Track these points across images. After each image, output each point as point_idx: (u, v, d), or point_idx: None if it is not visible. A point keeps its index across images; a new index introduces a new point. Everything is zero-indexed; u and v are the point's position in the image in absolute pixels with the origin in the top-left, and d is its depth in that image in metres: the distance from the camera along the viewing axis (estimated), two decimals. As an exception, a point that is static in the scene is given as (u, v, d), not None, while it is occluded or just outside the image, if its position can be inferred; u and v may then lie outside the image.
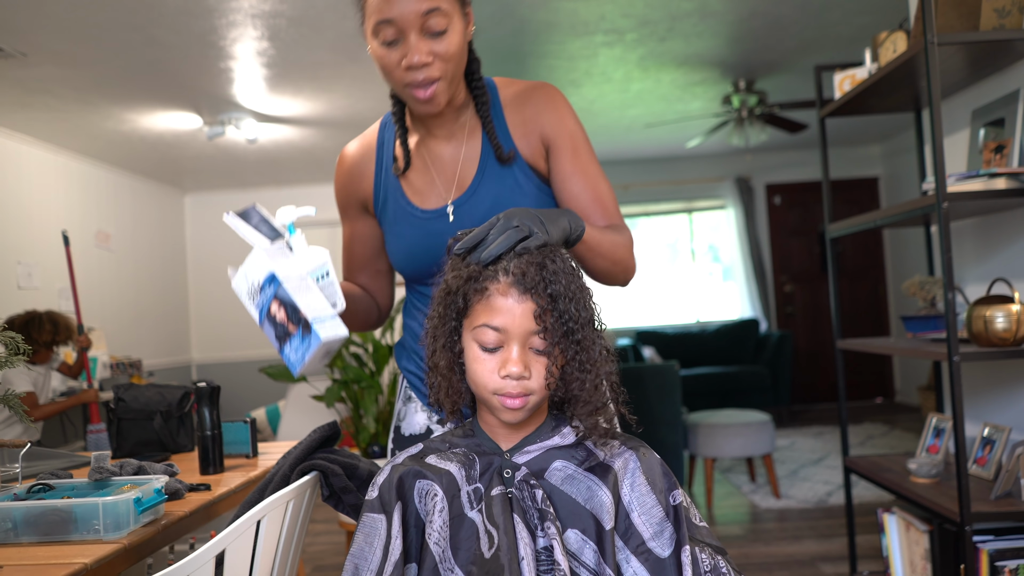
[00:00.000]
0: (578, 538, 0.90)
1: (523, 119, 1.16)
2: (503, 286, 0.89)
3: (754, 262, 6.84)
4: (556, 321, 0.89)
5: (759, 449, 3.91)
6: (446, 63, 1.06)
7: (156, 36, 3.28)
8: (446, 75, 1.07)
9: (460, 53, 1.08)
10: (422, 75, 1.05)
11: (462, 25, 1.08)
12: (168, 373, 6.21)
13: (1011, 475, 1.94)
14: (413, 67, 1.05)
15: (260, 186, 6.67)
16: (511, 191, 1.15)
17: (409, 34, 1.04)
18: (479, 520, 0.91)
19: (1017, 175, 1.93)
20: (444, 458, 0.96)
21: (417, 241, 1.17)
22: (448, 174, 1.18)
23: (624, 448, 0.97)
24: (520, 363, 0.88)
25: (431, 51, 1.04)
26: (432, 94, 1.07)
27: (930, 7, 1.89)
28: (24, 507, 1.15)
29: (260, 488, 1.15)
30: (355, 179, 1.24)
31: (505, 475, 0.94)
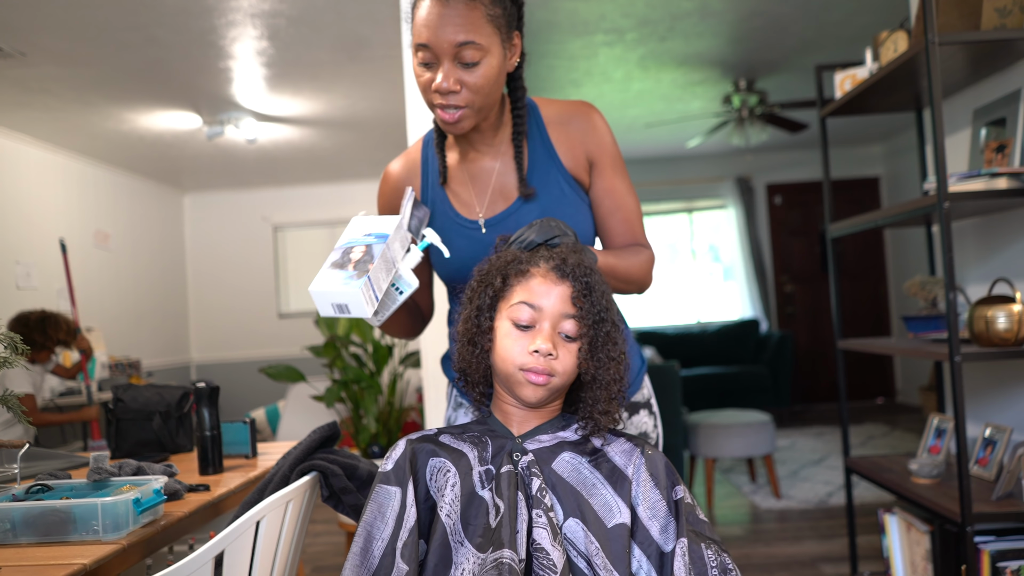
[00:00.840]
0: (577, 526, 0.93)
1: (567, 136, 1.22)
2: (543, 270, 0.98)
3: (754, 262, 6.84)
4: (589, 309, 0.96)
5: (759, 449, 3.91)
6: (474, 94, 1.10)
7: (156, 36, 3.28)
8: (472, 104, 1.11)
9: (491, 85, 1.11)
10: (448, 100, 1.10)
11: (500, 55, 1.11)
12: (167, 373, 6.20)
13: (1012, 476, 1.93)
14: (440, 91, 1.09)
15: (260, 186, 6.67)
16: (558, 201, 1.21)
17: (443, 61, 1.08)
18: (489, 497, 0.95)
19: (1018, 175, 1.92)
20: (458, 439, 1.01)
21: (465, 249, 1.21)
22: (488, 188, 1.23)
23: (631, 446, 1.01)
24: (549, 341, 0.95)
25: (460, 80, 1.08)
26: (456, 119, 1.11)
27: (931, 7, 1.88)
28: (23, 508, 1.15)
29: (259, 488, 1.14)
30: (401, 193, 1.27)
31: (515, 457, 0.98)
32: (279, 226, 6.76)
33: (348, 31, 3.35)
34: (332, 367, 4.24)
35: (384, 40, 3.45)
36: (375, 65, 3.78)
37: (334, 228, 6.76)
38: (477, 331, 1.01)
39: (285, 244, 6.82)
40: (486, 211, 1.22)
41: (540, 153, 1.22)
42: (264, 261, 6.70)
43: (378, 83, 4.06)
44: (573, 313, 0.96)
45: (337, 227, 6.75)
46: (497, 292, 1.00)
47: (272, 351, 6.52)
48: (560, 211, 1.20)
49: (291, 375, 4.43)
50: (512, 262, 1.00)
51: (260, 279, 6.68)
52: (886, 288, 6.92)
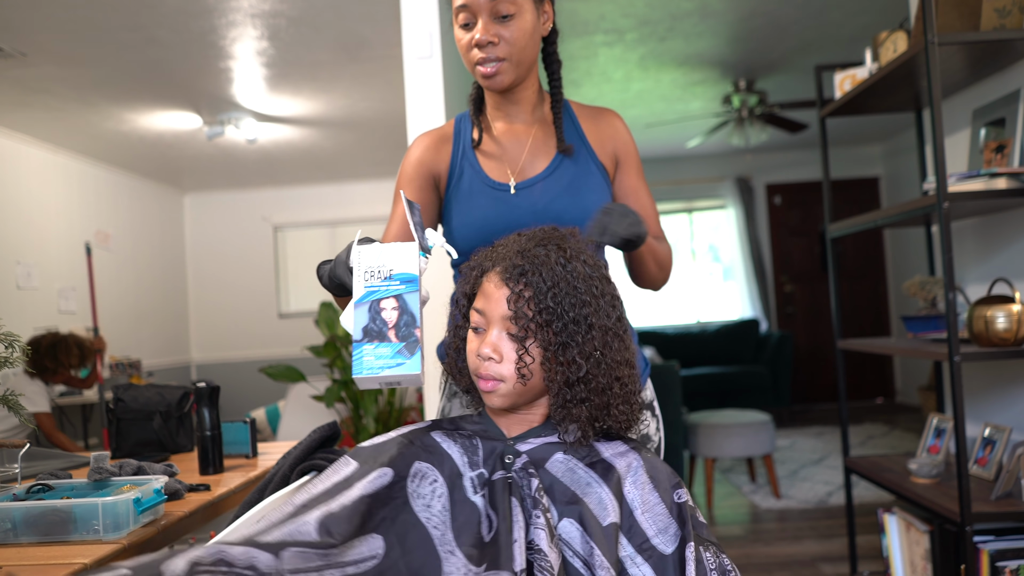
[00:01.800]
0: (572, 527, 0.91)
1: (598, 131, 1.32)
2: (492, 274, 0.97)
3: (754, 262, 6.84)
4: (533, 311, 0.93)
5: (759, 449, 3.91)
6: (511, 46, 1.19)
7: (156, 36, 3.28)
8: (511, 57, 1.20)
9: (526, 39, 1.20)
10: (486, 53, 1.19)
11: (533, 16, 1.21)
12: (167, 373, 6.20)
13: (1012, 475, 1.94)
14: (480, 45, 1.19)
15: (260, 186, 6.67)
16: (585, 175, 1.28)
17: (480, 16, 1.18)
18: (482, 504, 0.93)
19: (1018, 175, 1.92)
20: (449, 437, 1.00)
21: (491, 210, 1.25)
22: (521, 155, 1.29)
23: (628, 448, 0.99)
24: (491, 345, 0.95)
25: (497, 33, 1.18)
26: (495, 71, 1.20)
27: (931, 7, 1.89)
28: (23, 507, 1.15)
29: (260, 488, 1.14)
30: (432, 152, 1.32)
31: (507, 461, 0.96)
32: (279, 226, 6.76)
33: (348, 31, 3.35)
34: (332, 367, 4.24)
35: (384, 40, 3.45)
36: (375, 65, 3.79)
37: (334, 228, 6.77)
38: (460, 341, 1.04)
39: (285, 244, 6.82)
40: (518, 176, 1.28)
41: (573, 136, 1.30)
42: (264, 261, 6.70)
43: (378, 83, 4.06)
44: (509, 315, 0.94)
45: (337, 227, 6.75)
46: (470, 298, 1.01)
47: (272, 351, 6.52)
48: (588, 185, 1.27)
49: (291, 375, 4.43)
50: (474, 269, 1.01)
51: (260, 279, 6.68)
52: (886, 288, 6.92)
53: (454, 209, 1.29)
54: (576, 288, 0.95)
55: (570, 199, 1.25)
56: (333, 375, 4.30)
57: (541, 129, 1.31)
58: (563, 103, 1.32)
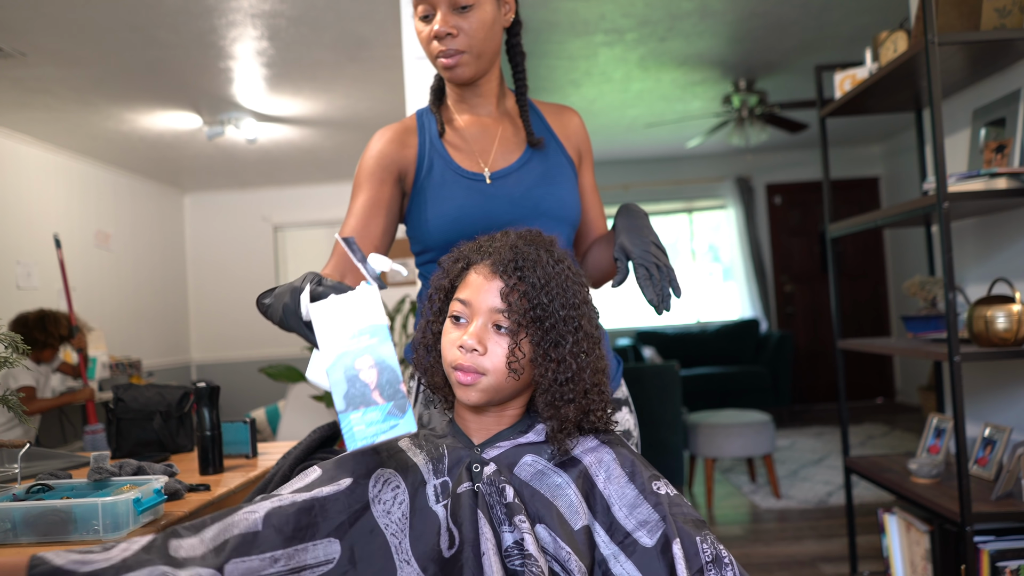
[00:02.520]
0: (546, 533, 0.89)
1: (563, 127, 1.34)
2: (481, 266, 0.95)
3: (754, 262, 6.84)
4: (527, 305, 0.92)
5: (759, 449, 3.91)
6: (469, 38, 1.18)
7: (156, 36, 3.28)
8: (471, 49, 1.19)
9: (486, 30, 1.19)
10: (446, 45, 1.18)
11: (493, 7, 1.20)
12: (167, 373, 6.20)
13: (1012, 475, 1.94)
14: (439, 36, 1.18)
15: (260, 186, 6.67)
16: (557, 166, 1.29)
17: (439, 8, 1.17)
18: (442, 515, 0.91)
19: (1018, 175, 1.92)
20: (415, 445, 0.98)
21: (467, 199, 1.23)
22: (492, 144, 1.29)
23: (598, 444, 0.97)
24: (475, 336, 0.92)
25: (456, 24, 1.17)
26: (455, 63, 1.19)
27: (931, 7, 1.89)
28: (23, 507, 1.15)
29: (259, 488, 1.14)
30: (395, 145, 1.28)
31: (474, 470, 0.94)
32: (279, 226, 6.76)
33: (348, 31, 3.35)
34: (332, 367, 4.23)
35: (384, 40, 3.45)
36: (375, 65, 3.79)
37: (334, 228, 6.76)
38: (432, 336, 1.00)
39: (285, 244, 6.82)
40: (490, 166, 1.26)
41: (542, 130, 1.31)
42: (264, 261, 6.70)
43: (378, 83, 4.06)
44: (503, 308, 0.92)
45: (337, 227, 6.75)
46: (447, 294, 0.99)
47: (272, 351, 6.52)
48: (561, 176, 1.28)
49: (291, 375, 4.43)
50: (457, 262, 0.99)
51: (260, 279, 6.68)
52: (886, 288, 6.92)
53: (428, 201, 1.25)
54: (566, 289, 0.94)
55: (546, 188, 1.25)
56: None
57: (509, 122, 1.30)
58: (527, 98, 1.31)
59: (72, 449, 3.65)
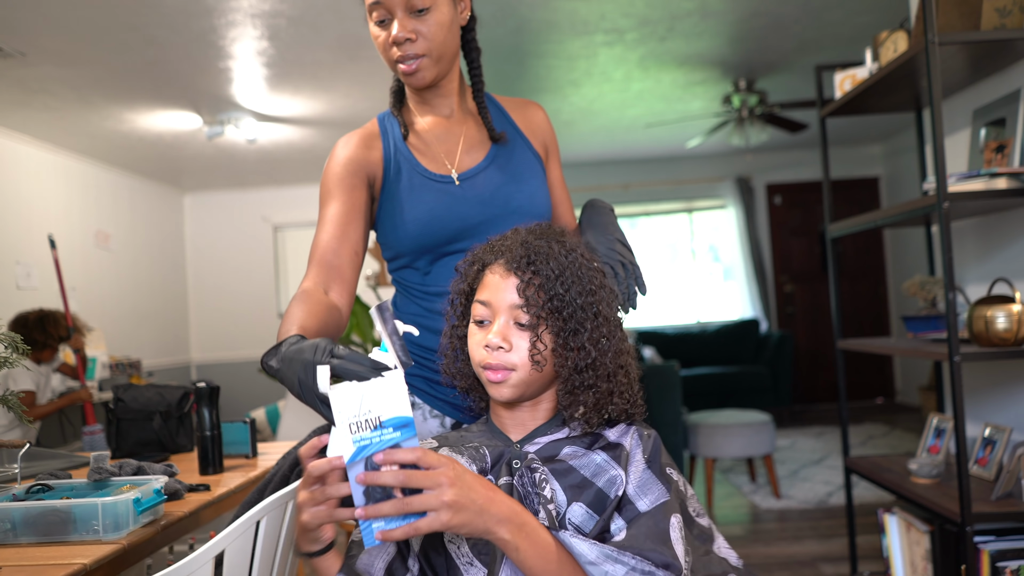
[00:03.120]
0: (583, 511, 0.91)
1: (527, 121, 1.32)
2: (496, 265, 0.97)
3: (754, 262, 6.84)
4: (544, 298, 0.94)
5: (759, 449, 3.91)
6: (428, 41, 1.16)
7: (156, 36, 3.28)
8: (430, 53, 1.17)
9: (444, 33, 1.17)
10: (405, 51, 1.16)
11: (449, 7, 1.17)
12: (167, 373, 6.20)
13: (1012, 475, 1.94)
14: (397, 42, 1.15)
15: (260, 186, 6.67)
16: (524, 161, 1.28)
17: (396, 12, 1.15)
18: None
19: (1018, 175, 1.92)
20: (456, 452, 0.99)
21: (437, 203, 1.21)
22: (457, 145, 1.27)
23: (627, 428, 0.99)
24: (499, 335, 0.94)
25: (414, 29, 1.15)
26: (415, 68, 1.18)
27: (931, 7, 1.89)
28: (23, 507, 1.15)
29: (259, 488, 1.14)
30: (361, 150, 1.24)
31: (514, 465, 0.95)
32: (279, 226, 6.76)
33: (348, 31, 3.35)
34: (332, 367, 4.23)
35: (384, 40, 3.45)
36: (375, 65, 3.79)
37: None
38: (458, 341, 1.03)
39: (285, 244, 6.82)
40: (457, 167, 1.24)
41: (506, 127, 1.29)
42: (264, 261, 6.70)
43: (378, 83, 4.06)
44: (521, 303, 0.94)
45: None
46: (468, 297, 1.01)
47: (272, 351, 6.51)
48: (528, 172, 1.26)
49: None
50: (473, 264, 1.01)
51: (260, 279, 6.68)
52: (886, 288, 6.92)
53: (398, 206, 1.22)
54: (581, 277, 0.96)
55: (515, 185, 1.24)
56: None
57: (472, 121, 1.29)
58: (486, 101, 1.30)
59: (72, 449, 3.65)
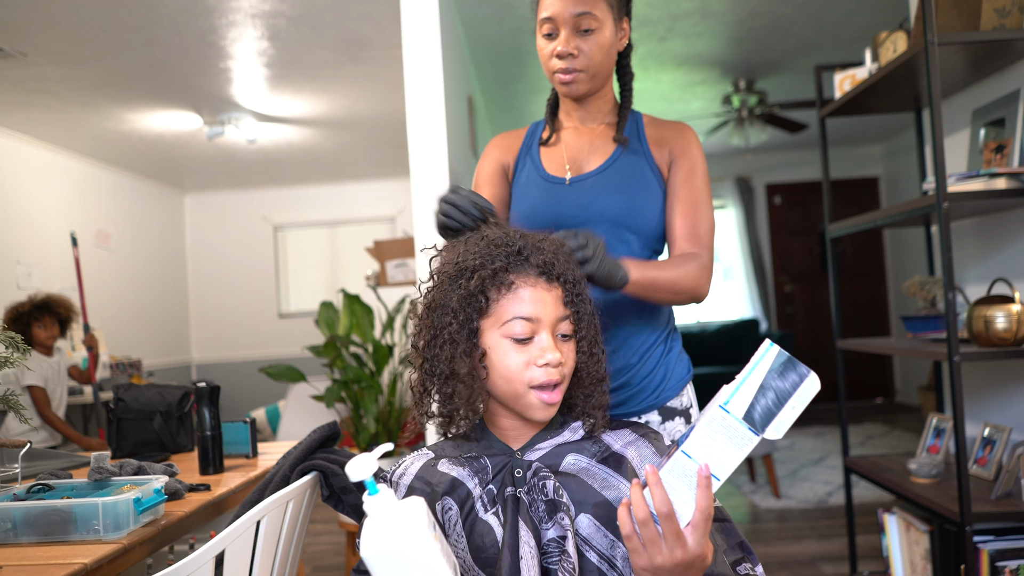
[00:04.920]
0: (590, 523, 0.90)
1: (659, 135, 1.35)
2: (531, 277, 0.92)
3: (754, 262, 6.84)
4: (581, 306, 0.95)
5: (759, 449, 3.91)
6: (589, 59, 1.26)
7: (156, 36, 3.28)
8: (588, 69, 1.27)
9: (603, 53, 1.27)
10: (567, 64, 1.26)
11: (612, 32, 1.27)
12: (168, 373, 6.20)
13: (1011, 475, 1.94)
14: (560, 56, 1.26)
15: (260, 186, 6.67)
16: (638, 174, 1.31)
17: (562, 30, 1.25)
18: (495, 523, 0.91)
19: (1017, 175, 1.92)
20: (456, 463, 0.96)
21: (540, 200, 1.31)
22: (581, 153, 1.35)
23: (636, 437, 0.98)
24: (557, 350, 0.91)
25: (577, 46, 1.25)
26: (572, 79, 1.27)
27: (930, 7, 1.89)
28: (24, 507, 1.15)
29: (260, 488, 1.14)
30: (503, 149, 1.41)
31: (516, 475, 0.94)
32: (279, 226, 6.76)
33: (348, 31, 3.35)
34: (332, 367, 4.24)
35: (384, 40, 3.45)
36: (375, 65, 3.79)
37: (334, 228, 6.76)
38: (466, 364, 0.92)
39: (285, 244, 6.82)
40: (575, 170, 1.34)
41: (634, 143, 1.35)
42: (264, 261, 6.70)
43: (378, 83, 4.06)
44: (567, 314, 0.93)
45: (337, 227, 6.74)
46: (480, 313, 0.92)
47: (272, 351, 6.52)
48: (638, 185, 1.30)
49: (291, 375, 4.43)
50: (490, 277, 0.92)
51: (260, 279, 6.68)
52: (885, 288, 6.92)
53: (517, 198, 1.36)
54: (581, 279, 0.98)
55: (617, 195, 1.29)
56: (333, 375, 4.30)
57: (606, 129, 1.36)
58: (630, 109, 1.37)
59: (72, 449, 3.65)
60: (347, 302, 4.29)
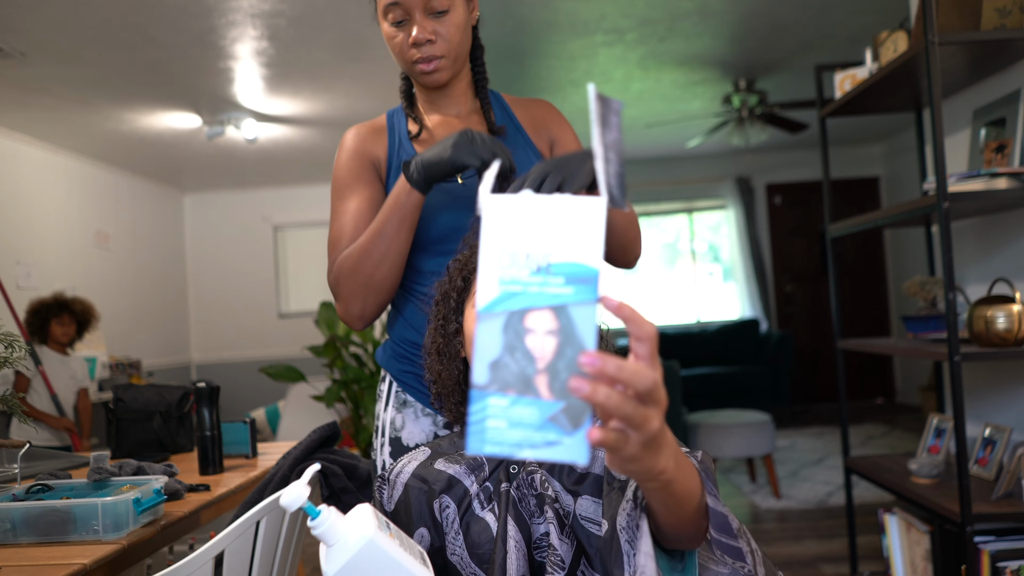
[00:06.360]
0: (590, 502, 0.90)
1: (531, 116, 1.30)
2: None
3: (754, 262, 6.84)
4: None
5: (759, 449, 3.91)
6: (448, 42, 1.17)
7: (156, 36, 3.28)
8: (448, 53, 1.18)
9: (462, 33, 1.18)
10: (425, 52, 1.17)
11: (464, 9, 1.19)
12: (167, 373, 6.20)
13: (1012, 476, 1.94)
14: (418, 43, 1.16)
15: (260, 186, 6.67)
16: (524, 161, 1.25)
17: (414, 14, 1.15)
18: (491, 519, 0.92)
19: (1018, 175, 1.92)
20: (452, 461, 0.97)
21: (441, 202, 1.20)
22: None
23: None
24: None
25: (434, 30, 1.16)
26: (435, 68, 1.19)
27: (931, 6, 1.88)
28: (23, 507, 1.15)
29: (259, 489, 1.14)
30: (368, 141, 1.28)
31: (512, 471, 0.94)
32: (279, 226, 6.76)
33: (348, 31, 3.35)
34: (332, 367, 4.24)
35: (384, 40, 3.45)
36: (375, 65, 3.78)
37: (334, 228, 6.76)
38: (444, 339, 0.98)
39: (285, 244, 6.82)
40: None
41: (508, 127, 1.29)
42: (264, 261, 6.70)
43: (378, 83, 4.06)
44: None
45: (337, 227, 6.73)
46: (460, 293, 0.98)
47: (272, 351, 6.52)
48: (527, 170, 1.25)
49: (291, 375, 4.43)
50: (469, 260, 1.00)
51: (260, 279, 6.68)
52: (886, 288, 6.92)
53: None
54: None
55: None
56: (333, 375, 4.30)
57: (477, 119, 1.28)
58: (488, 89, 1.30)
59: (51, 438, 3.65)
60: (347, 302, 4.29)
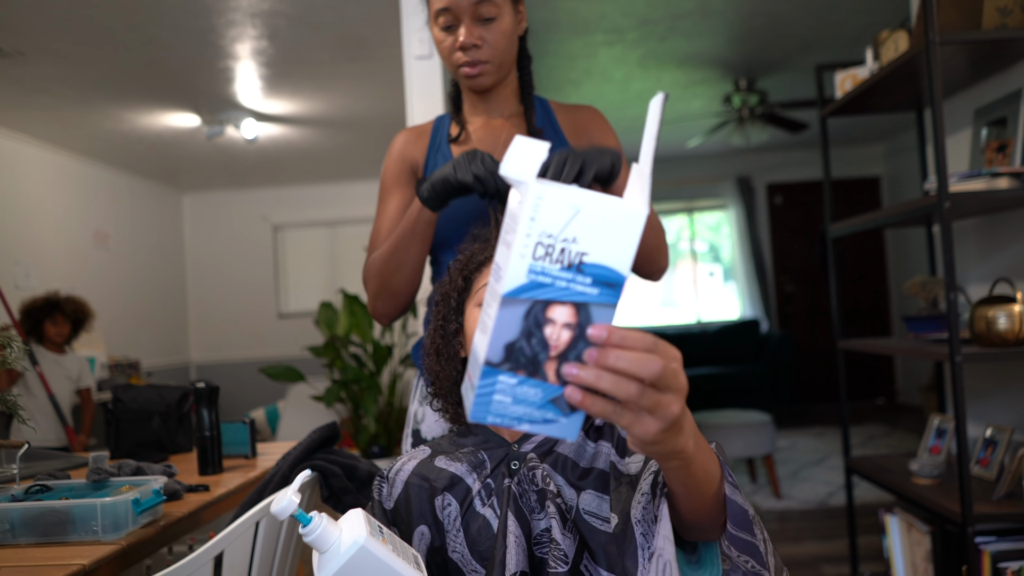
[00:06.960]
0: (594, 496, 0.90)
1: (573, 122, 1.33)
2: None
3: (755, 262, 6.84)
4: None
5: (760, 450, 3.90)
6: (493, 48, 1.22)
7: (155, 35, 3.28)
8: (493, 59, 1.23)
9: (508, 40, 1.23)
10: (471, 56, 1.22)
11: (512, 18, 1.24)
12: (167, 373, 6.20)
13: (1013, 476, 1.93)
14: (464, 48, 1.21)
15: (260, 186, 6.67)
16: None
17: (463, 19, 1.20)
18: (491, 515, 0.92)
19: (1019, 175, 1.92)
20: (454, 459, 0.97)
21: (463, 200, 1.24)
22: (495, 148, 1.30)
23: None
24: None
25: (481, 35, 1.21)
26: (479, 72, 1.23)
27: (932, 6, 1.88)
28: (22, 508, 1.15)
29: (259, 489, 1.14)
30: (410, 146, 1.34)
31: (513, 467, 0.94)
32: (279, 226, 6.76)
33: (348, 31, 3.35)
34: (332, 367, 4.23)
35: (384, 40, 3.45)
36: (375, 65, 3.78)
37: (334, 228, 6.76)
38: (443, 340, 0.99)
39: (285, 244, 6.82)
40: None
41: (548, 132, 1.32)
42: (264, 261, 6.70)
43: (378, 83, 4.06)
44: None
45: (337, 227, 6.74)
46: (461, 294, 0.99)
47: (272, 351, 6.51)
48: None
49: (291, 375, 4.43)
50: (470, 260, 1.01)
51: (260, 279, 6.67)
52: (886, 288, 6.91)
53: None
54: None
55: None
56: (332, 375, 4.29)
57: (518, 122, 1.32)
58: (534, 96, 1.34)
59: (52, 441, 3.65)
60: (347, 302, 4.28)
